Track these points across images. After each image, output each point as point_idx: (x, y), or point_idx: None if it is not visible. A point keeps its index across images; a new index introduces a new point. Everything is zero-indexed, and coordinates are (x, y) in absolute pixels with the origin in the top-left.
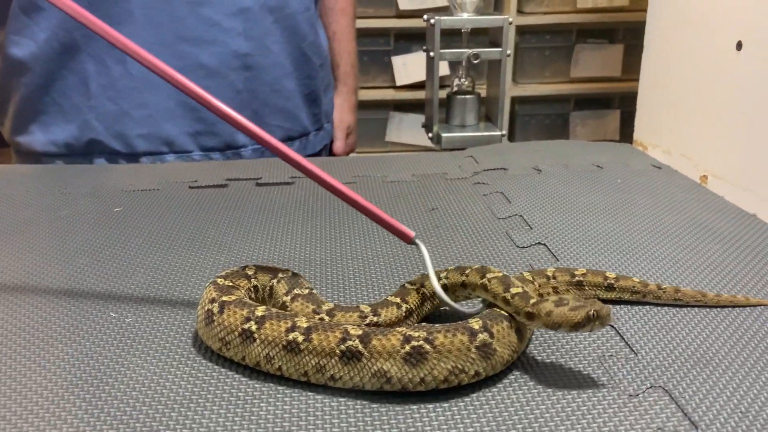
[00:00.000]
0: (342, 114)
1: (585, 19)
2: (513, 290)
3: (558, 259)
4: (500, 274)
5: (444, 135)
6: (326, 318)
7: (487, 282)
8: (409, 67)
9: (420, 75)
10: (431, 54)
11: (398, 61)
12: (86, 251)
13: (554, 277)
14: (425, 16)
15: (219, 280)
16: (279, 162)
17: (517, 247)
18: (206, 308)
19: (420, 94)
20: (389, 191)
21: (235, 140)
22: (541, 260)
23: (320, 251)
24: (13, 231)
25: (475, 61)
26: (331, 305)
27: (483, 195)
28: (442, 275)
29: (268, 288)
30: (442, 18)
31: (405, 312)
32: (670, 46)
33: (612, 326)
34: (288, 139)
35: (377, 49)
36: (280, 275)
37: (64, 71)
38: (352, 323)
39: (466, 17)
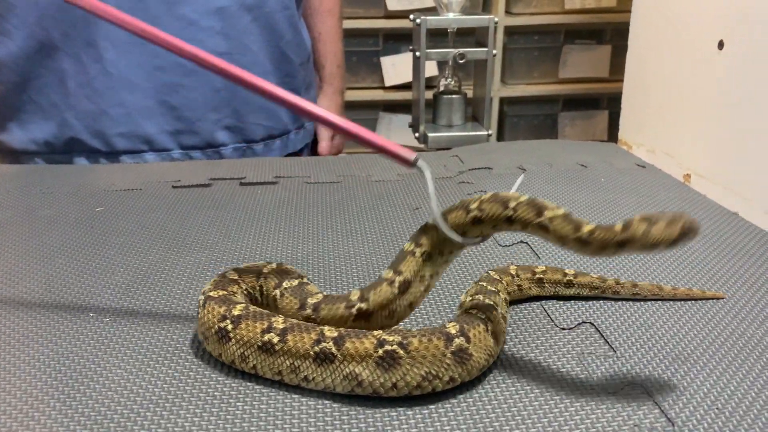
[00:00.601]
0: None
1: (573, 20)
2: (586, 228)
3: (540, 257)
4: (561, 212)
5: (430, 135)
6: (363, 306)
7: (547, 222)
8: (398, 67)
9: (409, 75)
10: (417, 54)
11: (387, 62)
12: (66, 251)
13: (517, 275)
14: (411, 16)
15: (229, 273)
16: (262, 162)
17: (500, 245)
18: (198, 298)
19: (409, 95)
20: (373, 191)
21: (215, 139)
22: (523, 258)
23: (303, 249)
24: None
25: (461, 61)
26: (355, 297)
27: (467, 194)
28: (472, 206)
29: (271, 296)
30: (428, 18)
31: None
32: (653, 45)
33: (591, 323)
34: (269, 138)
35: (366, 50)
36: (285, 285)
37: (41, 69)
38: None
39: (452, 17)
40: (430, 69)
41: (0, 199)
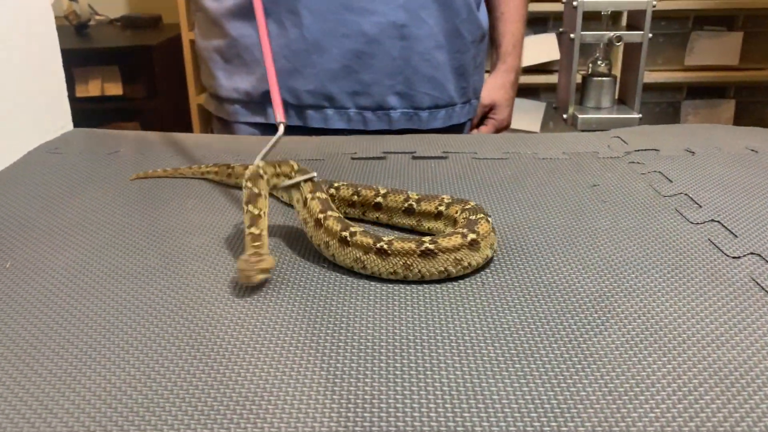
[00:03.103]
0: (490, 91)
1: (703, 5)
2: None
3: (736, 236)
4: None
5: (580, 116)
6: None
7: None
8: None
9: (529, 59)
10: (572, 36)
11: None
12: (274, 213)
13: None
14: None
15: (445, 198)
16: (431, 138)
17: (691, 223)
18: None
19: (527, 79)
20: (544, 167)
21: (386, 102)
22: (719, 236)
23: (494, 219)
24: (197, 192)
25: (618, 44)
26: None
27: (641, 174)
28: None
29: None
30: (585, 0)
31: None
32: None
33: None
34: (435, 107)
35: None
36: (469, 217)
37: (250, 29)
38: None
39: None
40: (555, 53)
41: (200, 162)
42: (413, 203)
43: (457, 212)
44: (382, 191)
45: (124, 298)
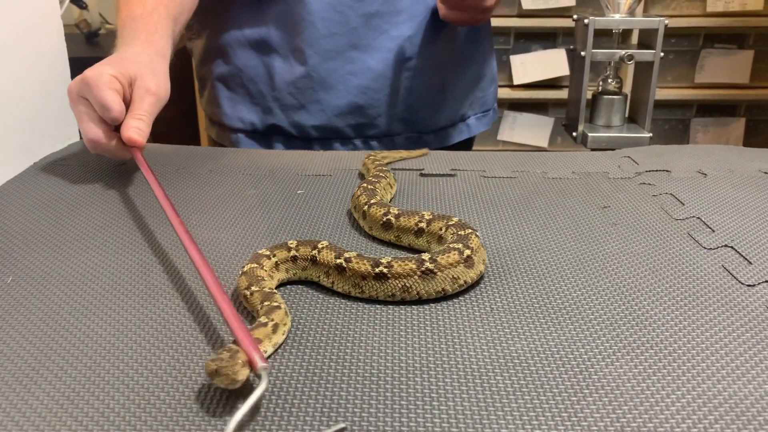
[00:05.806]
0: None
1: (714, 23)
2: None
3: (751, 263)
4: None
5: (591, 135)
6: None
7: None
8: (528, 66)
9: (538, 75)
10: (582, 53)
11: (517, 60)
12: (284, 228)
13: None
14: (575, 16)
15: (469, 228)
16: (439, 155)
17: (704, 248)
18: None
19: (536, 94)
20: (553, 187)
21: (391, 130)
22: (733, 263)
23: (505, 240)
24: (207, 207)
25: (629, 62)
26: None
27: (652, 196)
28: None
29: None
30: (596, 18)
31: None
32: None
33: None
34: (440, 129)
35: (496, 48)
36: (457, 232)
37: (257, 61)
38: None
39: (619, 18)
40: (564, 69)
41: (207, 177)
42: (392, 218)
43: (441, 229)
44: (372, 201)
45: (127, 319)
